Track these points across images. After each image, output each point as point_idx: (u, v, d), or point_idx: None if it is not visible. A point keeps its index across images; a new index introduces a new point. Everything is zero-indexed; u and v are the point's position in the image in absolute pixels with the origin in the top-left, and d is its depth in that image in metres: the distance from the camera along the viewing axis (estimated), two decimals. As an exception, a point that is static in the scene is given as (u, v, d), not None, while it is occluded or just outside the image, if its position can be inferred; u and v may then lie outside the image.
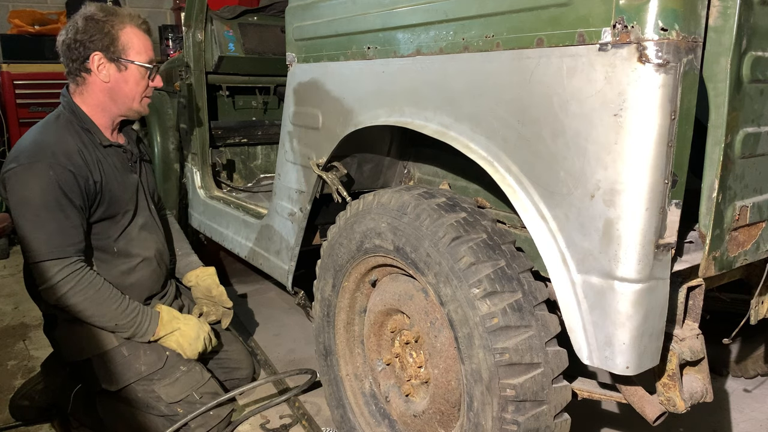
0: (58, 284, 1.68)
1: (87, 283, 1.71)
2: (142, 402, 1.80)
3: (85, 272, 1.72)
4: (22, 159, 1.69)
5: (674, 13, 0.96)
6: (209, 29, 2.78)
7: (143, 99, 1.89)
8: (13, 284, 3.31)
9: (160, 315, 1.85)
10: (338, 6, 1.64)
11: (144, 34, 1.86)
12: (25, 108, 4.19)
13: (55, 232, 1.67)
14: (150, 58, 1.86)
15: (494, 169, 1.22)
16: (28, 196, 1.66)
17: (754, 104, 1.14)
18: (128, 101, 1.86)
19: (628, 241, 1.02)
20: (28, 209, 1.67)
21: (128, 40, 1.81)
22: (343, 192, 1.68)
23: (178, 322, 1.87)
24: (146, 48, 1.85)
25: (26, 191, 1.67)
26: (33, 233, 1.67)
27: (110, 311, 1.74)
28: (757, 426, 1.96)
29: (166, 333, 1.83)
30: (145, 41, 1.86)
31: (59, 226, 1.68)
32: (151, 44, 1.88)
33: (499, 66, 1.20)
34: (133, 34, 1.82)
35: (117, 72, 1.81)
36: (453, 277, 1.23)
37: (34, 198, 1.66)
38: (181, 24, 3.32)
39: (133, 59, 1.81)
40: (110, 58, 1.79)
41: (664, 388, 1.19)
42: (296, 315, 2.83)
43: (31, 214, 1.67)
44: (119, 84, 1.82)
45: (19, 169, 1.68)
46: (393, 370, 1.59)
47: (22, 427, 1.94)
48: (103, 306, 1.73)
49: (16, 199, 1.68)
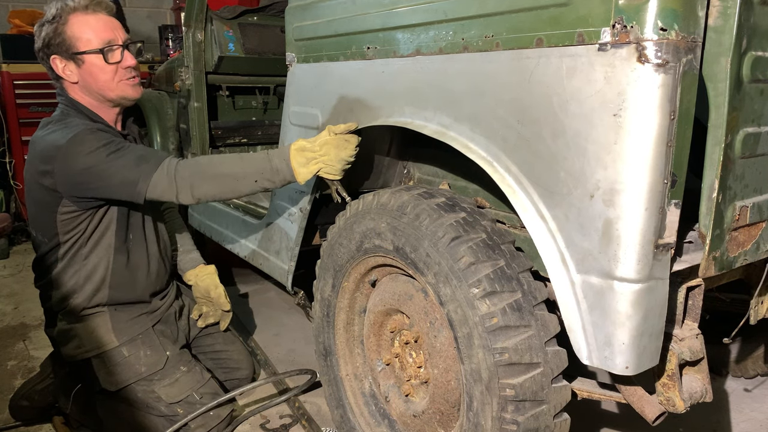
0: (179, 177, 1.58)
1: (197, 160, 1.61)
2: (141, 402, 1.80)
3: (187, 161, 1.63)
4: (60, 142, 1.60)
5: (674, 13, 0.96)
6: (209, 29, 2.78)
7: (120, 83, 1.73)
8: (13, 284, 3.31)
9: (290, 145, 1.63)
10: (338, 6, 1.64)
11: (92, 16, 1.69)
12: (25, 108, 4.19)
13: (136, 155, 1.62)
14: (103, 40, 1.68)
15: (494, 169, 1.22)
16: (90, 160, 1.58)
17: (754, 104, 1.14)
18: (103, 92, 1.73)
19: (628, 241, 1.02)
20: (101, 160, 1.58)
21: (74, 31, 1.67)
22: (342, 192, 1.68)
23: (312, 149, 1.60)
24: (96, 30, 1.68)
25: (87, 158, 1.58)
26: (122, 172, 1.58)
27: (239, 166, 1.61)
28: (757, 426, 1.96)
29: (316, 155, 1.58)
30: (95, 23, 1.69)
31: (134, 150, 1.64)
32: (108, 23, 1.71)
33: (499, 66, 1.20)
34: (78, 22, 1.67)
35: (78, 69, 1.70)
36: (452, 277, 1.23)
37: (97, 150, 1.58)
38: (181, 24, 3.32)
39: (84, 49, 1.67)
40: (66, 58, 1.69)
41: (664, 388, 1.19)
42: (296, 315, 2.83)
43: (106, 161, 1.58)
44: (86, 79, 1.71)
45: (64, 147, 1.59)
46: (393, 370, 1.59)
47: (22, 427, 1.94)
48: (230, 166, 1.62)
49: (82, 166, 1.59)
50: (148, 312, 1.90)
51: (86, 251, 1.78)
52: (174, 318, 2.00)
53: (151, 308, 1.91)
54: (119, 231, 1.82)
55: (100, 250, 1.80)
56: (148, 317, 1.89)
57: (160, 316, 1.93)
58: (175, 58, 3.12)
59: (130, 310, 1.86)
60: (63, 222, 1.72)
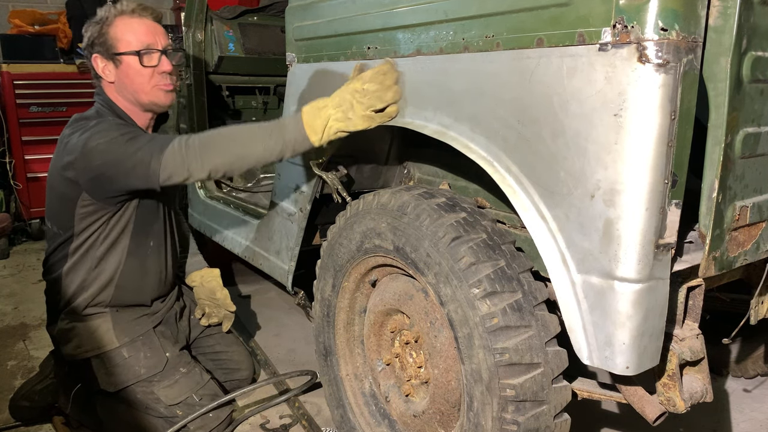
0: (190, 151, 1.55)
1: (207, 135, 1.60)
2: (141, 403, 1.80)
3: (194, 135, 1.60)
4: (84, 136, 1.62)
5: (674, 13, 0.96)
6: (209, 29, 2.78)
7: (153, 88, 1.74)
8: (13, 284, 3.31)
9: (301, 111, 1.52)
10: (338, 6, 1.64)
11: (137, 20, 1.73)
12: (25, 108, 4.18)
13: (148, 138, 1.63)
14: (143, 43, 1.71)
15: (494, 169, 1.22)
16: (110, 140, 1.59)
17: (754, 104, 1.14)
18: (137, 95, 1.75)
19: (628, 241, 1.02)
20: (116, 145, 1.59)
21: (116, 32, 1.70)
22: (343, 192, 1.68)
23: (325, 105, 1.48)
24: (137, 33, 1.71)
25: (105, 143, 1.59)
26: (137, 154, 1.58)
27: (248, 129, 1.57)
28: (757, 426, 1.96)
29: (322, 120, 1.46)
30: (137, 27, 1.72)
31: (148, 135, 1.66)
32: (151, 27, 1.74)
33: (499, 66, 1.20)
34: (122, 24, 1.71)
35: (115, 69, 1.73)
36: (453, 277, 1.23)
37: (114, 138, 1.60)
38: (181, 24, 3.32)
39: (123, 50, 1.70)
40: (107, 57, 1.73)
41: (664, 388, 1.19)
42: (296, 315, 2.83)
43: (121, 146, 1.59)
44: (122, 80, 1.73)
45: (86, 138, 1.61)
46: (393, 370, 1.59)
47: (22, 427, 1.94)
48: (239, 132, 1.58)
49: (100, 155, 1.60)
50: (150, 314, 1.90)
51: (100, 252, 1.77)
52: (174, 319, 2.00)
53: (152, 310, 1.91)
54: (136, 235, 1.81)
55: (114, 253, 1.80)
56: (149, 318, 1.89)
57: (161, 317, 1.93)
58: (175, 58, 3.12)
59: (132, 312, 1.86)
60: (81, 216, 1.72)
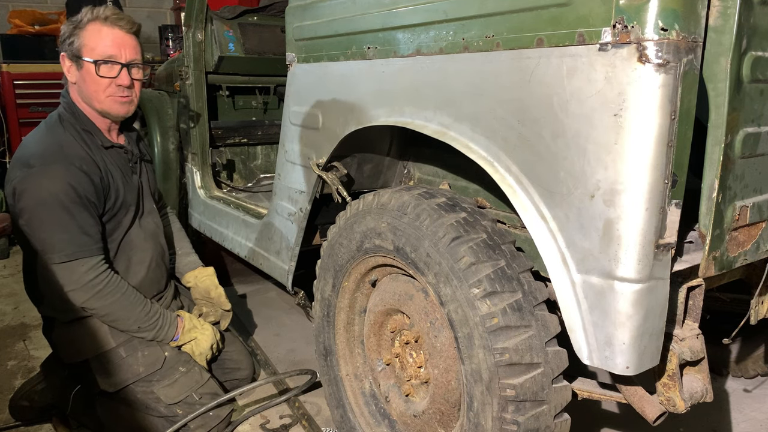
0: (88, 285, 1.68)
1: (114, 286, 1.72)
2: (141, 403, 1.80)
3: (112, 274, 1.73)
4: (34, 163, 1.66)
5: (674, 13, 0.96)
6: (209, 29, 2.78)
7: (108, 98, 1.76)
8: (13, 284, 3.31)
9: (183, 323, 1.89)
10: (338, 6, 1.64)
11: (107, 28, 1.73)
12: (25, 108, 4.19)
13: (79, 232, 1.66)
14: (105, 54, 1.72)
15: (494, 169, 1.22)
16: (45, 199, 1.64)
17: (754, 104, 1.14)
18: (91, 101, 1.77)
19: (628, 241, 1.02)
20: (48, 211, 1.64)
21: (84, 36, 1.72)
22: (343, 192, 1.68)
23: (196, 331, 1.91)
24: (103, 43, 1.72)
25: (44, 193, 1.64)
26: (56, 234, 1.65)
27: (135, 314, 1.76)
28: (757, 426, 1.96)
29: (183, 342, 1.89)
30: (105, 36, 1.72)
31: (81, 225, 1.67)
32: (118, 39, 1.74)
33: (499, 66, 1.20)
34: (92, 30, 1.72)
35: (77, 71, 1.75)
36: (453, 277, 1.23)
37: (53, 200, 1.64)
38: (181, 24, 3.32)
39: (86, 56, 1.72)
40: (71, 58, 1.75)
41: (664, 388, 1.19)
42: (296, 315, 2.83)
43: (51, 216, 1.64)
44: (80, 84, 1.76)
45: (34, 172, 1.65)
46: (393, 370, 1.59)
47: (22, 427, 1.94)
48: (129, 309, 1.75)
49: (33, 203, 1.64)
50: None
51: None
52: (173, 318, 2.00)
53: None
54: (117, 236, 1.84)
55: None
56: (146, 318, 1.89)
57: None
58: (175, 58, 3.12)
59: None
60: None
